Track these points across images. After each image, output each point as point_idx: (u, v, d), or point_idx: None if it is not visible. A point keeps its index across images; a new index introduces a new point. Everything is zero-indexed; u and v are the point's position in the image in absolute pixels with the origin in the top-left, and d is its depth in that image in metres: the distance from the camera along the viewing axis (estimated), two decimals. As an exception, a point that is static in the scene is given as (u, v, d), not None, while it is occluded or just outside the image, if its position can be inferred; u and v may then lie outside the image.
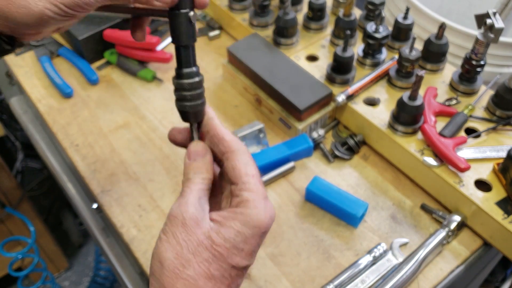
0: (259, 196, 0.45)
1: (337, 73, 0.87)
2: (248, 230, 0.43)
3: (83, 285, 1.88)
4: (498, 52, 1.06)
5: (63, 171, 0.96)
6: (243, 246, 0.43)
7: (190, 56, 0.48)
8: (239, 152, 0.48)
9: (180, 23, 0.47)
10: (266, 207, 0.45)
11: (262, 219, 0.44)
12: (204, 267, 0.42)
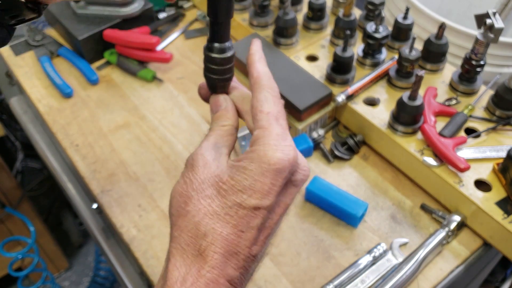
0: (270, 133, 0.42)
1: (337, 73, 0.87)
2: (256, 166, 0.41)
3: (83, 285, 1.88)
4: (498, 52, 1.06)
5: (63, 171, 0.96)
6: (252, 184, 0.41)
7: (224, 31, 0.47)
8: (260, 88, 0.46)
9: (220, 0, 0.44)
10: (278, 144, 0.42)
11: (271, 154, 0.41)
12: (205, 203, 0.41)
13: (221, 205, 0.41)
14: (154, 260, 0.73)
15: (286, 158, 0.41)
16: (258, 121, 0.44)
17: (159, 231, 0.76)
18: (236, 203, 0.41)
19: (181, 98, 0.96)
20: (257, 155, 0.42)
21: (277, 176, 0.41)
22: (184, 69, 1.02)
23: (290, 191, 0.44)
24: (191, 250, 0.40)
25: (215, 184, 0.42)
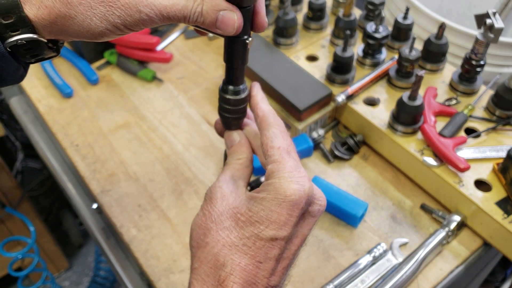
0: (284, 166, 0.44)
1: (337, 73, 0.87)
2: (273, 198, 0.42)
3: (83, 285, 1.88)
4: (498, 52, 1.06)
5: (63, 171, 0.96)
6: (268, 215, 0.42)
7: (239, 75, 0.49)
8: (267, 126, 0.48)
9: (237, 48, 0.47)
10: (293, 175, 0.43)
11: (286, 186, 0.42)
12: (223, 234, 0.42)
13: (239, 236, 0.42)
14: (154, 260, 0.73)
15: (302, 189, 0.43)
16: (270, 156, 0.46)
17: (159, 231, 0.76)
18: (253, 234, 0.42)
19: (181, 98, 0.96)
20: (273, 187, 0.43)
21: (293, 207, 0.42)
22: (184, 69, 1.02)
23: (307, 221, 0.45)
24: (211, 281, 0.41)
25: (233, 215, 0.43)
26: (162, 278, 0.71)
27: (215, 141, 0.89)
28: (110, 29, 0.42)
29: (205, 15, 0.42)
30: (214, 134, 0.90)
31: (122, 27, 0.42)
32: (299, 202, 0.43)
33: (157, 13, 0.41)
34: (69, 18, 0.40)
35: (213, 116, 0.93)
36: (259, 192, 0.44)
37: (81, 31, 0.41)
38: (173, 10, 0.41)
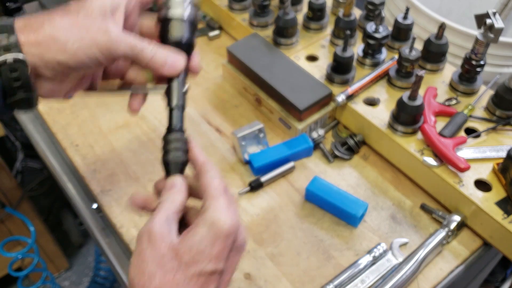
0: (220, 202, 0.48)
1: (337, 73, 0.87)
2: (211, 233, 0.46)
3: (83, 285, 1.88)
4: (498, 52, 1.06)
5: (63, 171, 0.95)
6: (208, 250, 0.45)
7: (174, 117, 0.54)
8: (207, 170, 0.51)
9: (178, 88, 0.54)
10: (228, 212, 0.47)
11: (223, 221, 0.46)
12: (170, 276, 0.44)
13: (184, 275, 0.45)
14: (154, 260, 0.73)
15: (235, 224, 0.47)
16: (209, 193, 0.49)
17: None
18: (197, 271, 0.45)
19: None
20: (212, 222, 0.46)
21: (228, 240, 0.47)
22: (184, 69, 1.02)
23: (236, 253, 0.49)
24: None
25: (174, 257, 0.45)
26: (162, 278, 0.71)
27: (215, 141, 0.89)
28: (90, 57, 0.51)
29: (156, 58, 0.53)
30: (214, 134, 0.90)
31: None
32: (231, 235, 0.47)
33: (127, 49, 0.52)
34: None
35: (213, 116, 0.93)
36: (196, 227, 0.46)
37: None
38: (135, 51, 0.53)
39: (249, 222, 0.77)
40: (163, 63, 0.54)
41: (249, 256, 0.73)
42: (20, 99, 0.52)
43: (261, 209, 0.79)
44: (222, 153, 0.87)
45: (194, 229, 0.46)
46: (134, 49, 0.53)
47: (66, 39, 0.50)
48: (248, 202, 0.80)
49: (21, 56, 0.49)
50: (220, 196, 0.48)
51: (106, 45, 0.51)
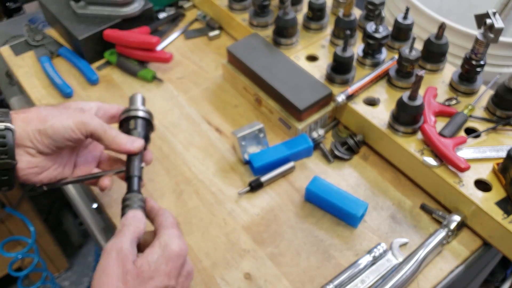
0: (173, 231, 0.58)
1: (337, 73, 0.87)
2: (165, 254, 0.55)
3: (83, 285, 1.88)
4: (498, 52, 1.06)
5: (63, 171, 0.95)
6: (162, 268, 0.54)
7: (134, 183, 0.65)
8: (162, 213, 0.62)
9: (135, 161, 0.67)
10: (179, 239, 0.57)
11: (175, 245, 0.56)
12: None
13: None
14: (154, 260, 0.73)
15: (184, 248, 0.57)
16: (163, 225, 0.59)
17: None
18: (153, 286, 0.53)
19: (181, 98, 0.96)
20: (164, 245, 0.56)
21: (177, 261, 0.56)
22: (184, 69, 1.02)
23: (184, 282, 0.58)
24: None
25: (136, 273, 0.53)
26: (162, 278, 0.71)
27: (215, 141, 0.89)
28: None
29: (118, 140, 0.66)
30: (214, 134, 0.90)
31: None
32: (182, 257, 0.56)
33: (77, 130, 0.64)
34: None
35: (213, 116, 0.93)
36: (153, 247, 0.56)
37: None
38: (104, 128, 0.65)
39: (249, 222, 0.77)
40: (125, 142, 0.66)
41: (249, 256, 0.73)
42: (1, 164, 0.60)
43: (261, 209, 0.79)
44: (222, 153, 0.87)
45: (151, 249, 0.55)
46: (103, 127, 0.65)
47: (47, 114, 0.63)
48: (248, 202, 0.80)
49: (11, 126, 0.60)
50: (173, 227, 0.59)
51: (81, 119, 0.63)
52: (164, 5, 1.14)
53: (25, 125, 0.61)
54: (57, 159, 0.66)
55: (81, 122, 0.63)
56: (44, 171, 0.65)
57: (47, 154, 0.64)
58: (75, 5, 1.03)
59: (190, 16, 1.14)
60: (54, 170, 0.66)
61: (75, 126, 0.63)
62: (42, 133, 0.61)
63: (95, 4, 1.01)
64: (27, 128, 0.61)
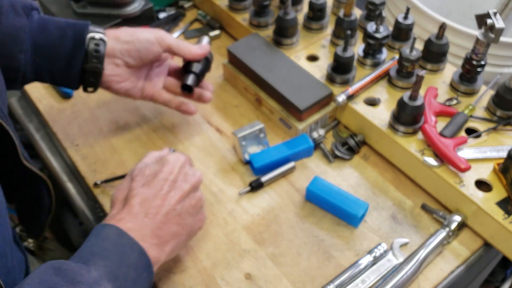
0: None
1: (337, 73, 0.87)
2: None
3: (83, 285, 1.88)
4: (498, 52, 1.06)
5: (63, 171, 0.95)
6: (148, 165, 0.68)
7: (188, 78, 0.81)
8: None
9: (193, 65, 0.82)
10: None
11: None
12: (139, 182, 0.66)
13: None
14: (154, 260, 0.73)
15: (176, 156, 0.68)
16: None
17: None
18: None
19: (181, 98, 0.96)
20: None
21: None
22: (184, 69, 1.02)
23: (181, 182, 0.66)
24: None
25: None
26: (163, 278, 0.71)
27: (215, 141, 0.89)
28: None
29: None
30: (214, 134, 0.90)
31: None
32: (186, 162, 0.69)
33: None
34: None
35: (214, 116, 0.93)
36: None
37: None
38: (177, 42, 0.80)
39: (249, 222, 0.77)
40: (195, 48, 0.81)
41: (249, 256, 0.73)
42: (92, 67, 0.74)
43: (261, 209, 0.79)
44: (222, 153, 0.87)
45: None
46: (177, 41, 0.79)
47: (134, 30, 0.77)
48: (249, 202, 0.80)
49: (105, 38, 0.74)
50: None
51: (160, 35, 0.77)
52: (164, 5, 1.14)
53: (115, 41, 0.75)
54: (136, 73, 0.79)
55: (160, 37, 0.77)
56: (124, 81, 0.78)
57: (130, 66, 0.77)
58: (75, 5, 1.02)
59: (190, 16, 1.14)
60: (131, 82, 0.79)
61: (155, 40, 0.76)
62: (130, 45, 0.76)
63: (95, 4, 1.01)
64: (116, 44, 0.75)
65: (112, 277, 0.54)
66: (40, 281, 0.49)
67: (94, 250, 0.56)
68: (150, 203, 0.62)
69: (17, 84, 0.76)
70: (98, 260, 0.55)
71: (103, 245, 0.57)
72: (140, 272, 0.57)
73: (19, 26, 0.72)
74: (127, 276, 0.56)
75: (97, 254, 0.55)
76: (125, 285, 0.55)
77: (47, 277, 0.50)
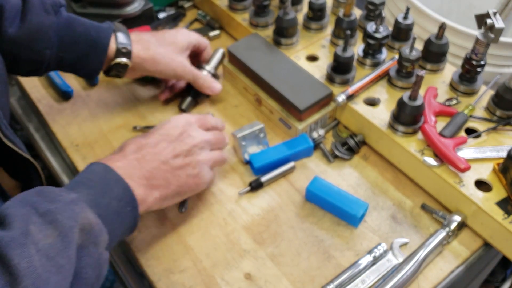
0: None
1: (337, 73, 0.87)
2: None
3: (83, 285, 1.87)
4: (498, 52, 1.06)
5: (63, 171, 0.95)
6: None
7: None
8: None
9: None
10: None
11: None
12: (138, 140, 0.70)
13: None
14: (154, 260, 0.73)
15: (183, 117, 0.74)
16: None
17: (159, 231, 0.76)
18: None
19: (181, 98, 0.96)
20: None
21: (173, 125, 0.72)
22: (184, 69, 1.02)
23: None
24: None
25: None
26: (162, 278, 0.71)
27: (215, 141, 0.89)
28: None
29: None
30: (214, 134, 0.90)
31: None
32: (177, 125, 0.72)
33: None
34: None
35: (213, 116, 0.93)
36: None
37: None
38: (195, 78, 0.89)
39: (249, 222, 0.77)
40: (208, 87, 0.90)
41: (249, 256, 0.73)
42: (114, 74, 0.84)
43: (261, 209, 0.79)
44: (222, 153, 0.87)
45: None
46: (195, 77, 0.88)
47: (159, 61, 0.83)
48: (248, 202, 0.80)
49: (129, 63, 0.82)
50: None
51: (180, 73, 0.86)
52: (164, 5, 1.14)
53: (141, 64, 0.84)
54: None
55: (180, 75, 0.86)
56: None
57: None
58: (75, 5, 1.03)
59: (190, 16, 1.14)
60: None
61: (174, 75, 0.86)
62: (150, 73, 0.86)
63: (95, 4, 1.01)
64: (141, 67, 0.85)
65: (93, 204, 0.56)
66: (21, 199, 0.53)
67: (79, 180, 0.60)
68: (143, 149, 0.66)
69: (39, 72, 0.81)
70: (81, 188, 0.58)
71: (89, 177, 0.60)
72: (123, 205, 0.60)
73: (48, 24, 0.76)
74: (109, 206, 0.58)
75: (81, 183, 0.59)
76: (106, 214, 0.57)
77: (28, 197, 0.53)
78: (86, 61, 0.80)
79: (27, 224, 0.48)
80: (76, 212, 0.53)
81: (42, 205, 0.51)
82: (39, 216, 0.50)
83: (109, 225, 0.57)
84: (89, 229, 0.54)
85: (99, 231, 0.55)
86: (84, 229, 0.53)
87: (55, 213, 0.51)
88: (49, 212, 0.51)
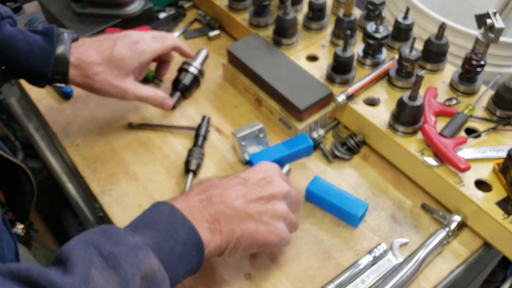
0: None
1: (337, 73, 0.87)
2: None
3: (83, 285, 1.87)
4: (498, 52, 1.06)
5: (63, 171, 0.96)
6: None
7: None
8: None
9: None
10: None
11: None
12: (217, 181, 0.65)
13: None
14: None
15: (268, 164, 0.69)
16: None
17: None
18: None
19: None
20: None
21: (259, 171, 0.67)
22: (184, 69, 1.02)
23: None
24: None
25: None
26: (162, 278, 0.71)
27: (215, 141, 0.89)
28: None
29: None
30: (214, 134, 0.90)
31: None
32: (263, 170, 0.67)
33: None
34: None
35: (213, 116, 0.93)
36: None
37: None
38: (141, 99, 0.86)
39: (249, 222, 0.77)
40: (158, 105, 0.87)
41: (249, 256, 0.73)
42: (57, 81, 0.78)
43: (261, 209, 0.78)
44: (222, 153, 0.87)
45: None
46: (141, 99, 0.85)
47: (97, 89, 0.81)
48: (248, 202, 0.79)
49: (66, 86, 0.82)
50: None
51: (122, 99, 0.83)
52: (164, 5, 1.14)
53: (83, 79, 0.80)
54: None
55: (122, 97, 0.83)
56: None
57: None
58: (75, 5, 1.03)
59: (190, 16, 1.14)
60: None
61: (116, 95, 0.82)
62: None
63: (95, 4, 1.01)
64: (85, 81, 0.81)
65: (157, 248, 0.54)
66: (86, 238, 0.51)
67: (144, 221, 0.57)
68: (208, 190, 0.61)
69: None
70: (146, 230, 0.55)
71: (154, 218, 0.57)
72: (188, 249, 0.56)
73: None
74: (173, 250, 0.55)
75: (146, 225, 0.56)
76: (170, 258, 0.55)
77: (93, 236, 0.51)
78: (29, 80, 0.79)
79: (89, 269, 0.47)
80: (139, 258, 0.51)
81: (106, 247, 0.49)
82: (102, 259, 0.48)
83: (172, 271, 0.54)
84: (151, 277, 0.51)
85: (161, 280, 0.52)
86: (146, 277, 0.51)
87: (119, 258, 0.49)
88: (112, 255, 0.49)
